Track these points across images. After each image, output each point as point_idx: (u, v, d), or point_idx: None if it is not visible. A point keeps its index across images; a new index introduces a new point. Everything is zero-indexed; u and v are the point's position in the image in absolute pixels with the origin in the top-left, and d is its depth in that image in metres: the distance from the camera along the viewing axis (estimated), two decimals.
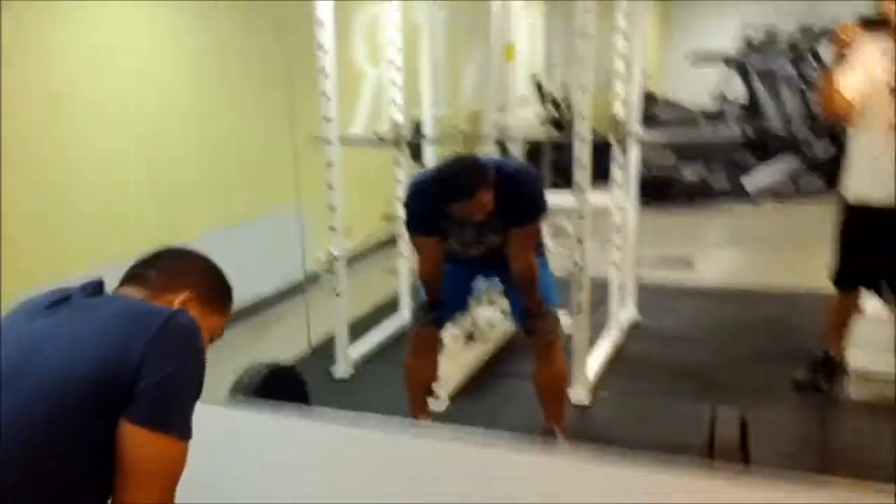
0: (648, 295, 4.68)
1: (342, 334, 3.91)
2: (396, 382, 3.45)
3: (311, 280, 4.30)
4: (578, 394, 3.53)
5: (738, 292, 5.09)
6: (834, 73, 3.25)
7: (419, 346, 3.11)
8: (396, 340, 4.29)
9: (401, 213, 4.33)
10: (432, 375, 3.17)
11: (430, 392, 3.19)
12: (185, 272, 1.53)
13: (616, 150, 4.09)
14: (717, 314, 4.71)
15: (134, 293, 1.46)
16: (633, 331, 4.41)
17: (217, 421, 2.13)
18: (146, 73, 4.18)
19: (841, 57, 3.22)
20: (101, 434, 1.28)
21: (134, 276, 1.50)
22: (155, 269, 1.50)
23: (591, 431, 3.33)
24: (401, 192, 4.29)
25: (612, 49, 4.13)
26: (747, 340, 4.26)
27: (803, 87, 7.79)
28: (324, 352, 4.06)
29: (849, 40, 3.17)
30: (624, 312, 4.42)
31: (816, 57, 7.90)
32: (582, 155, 3.40)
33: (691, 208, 7.06)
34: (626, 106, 4.07)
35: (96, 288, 1.46)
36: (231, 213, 4.77)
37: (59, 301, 1.43)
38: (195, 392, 1.37)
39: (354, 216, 4.04)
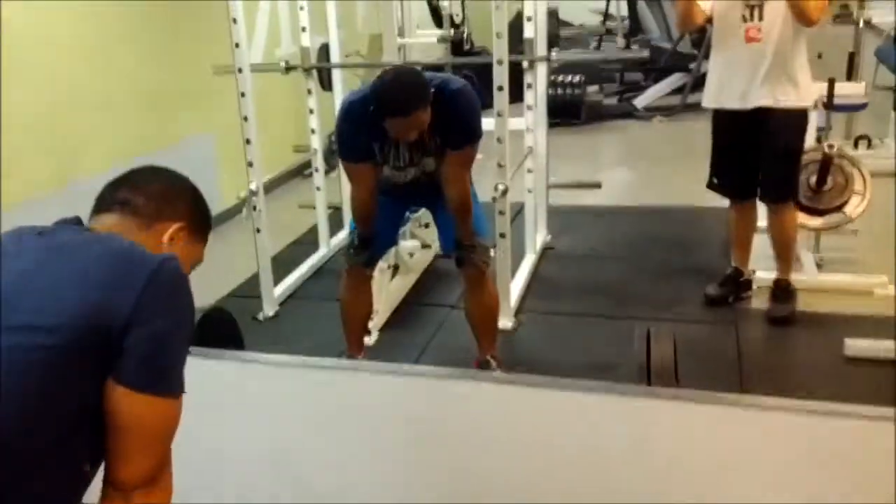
0: (558, 216, 4.78)
1: (266, 272, 3.83)
2: (321, 318, 3.44)
3: (226, 217, 4.18)
4: (502, 320, 3.57)
5: (640, 210, 5.26)
6: None
7: (354, 285, 3.09)
8: (316, 275, 4.25)
9: (315, 144, 4.26)
10: (368, 312, 3.18)
11: (366, 329, 3.20)
12: (174, 198, 1.43)
13: (527, 73, 4.11)
14: (623, 233, 4.87)
15: (121, 223, 1.35)
16: (547, 253, 4.51)
17: None
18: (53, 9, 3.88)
19: None
20: (83, 393, 1.19)
21: (121, 201, 1.38)
22: (143, 195, 1.39)
23: (518, 356, 3.41)
24: (314, 122, 4.19)
25: None
26: (656, 256, 4.44)
27: None
28: (246, 291, 3.99)
29: None
30: (538, 236, 4.51)
31: None
32: (501, 78, 3.37)
33: (589, 128, 7.20)
34: (534, 26, 4.06)
35: (75, 223, 1.36)
36: (139, 144, 4.52)
37: (39, 234, 1.32)
38: (187, 344, 1.30)
39: (264, 147, 3.91)
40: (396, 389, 2.16)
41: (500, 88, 3.37)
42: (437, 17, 6.81)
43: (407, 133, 2.62)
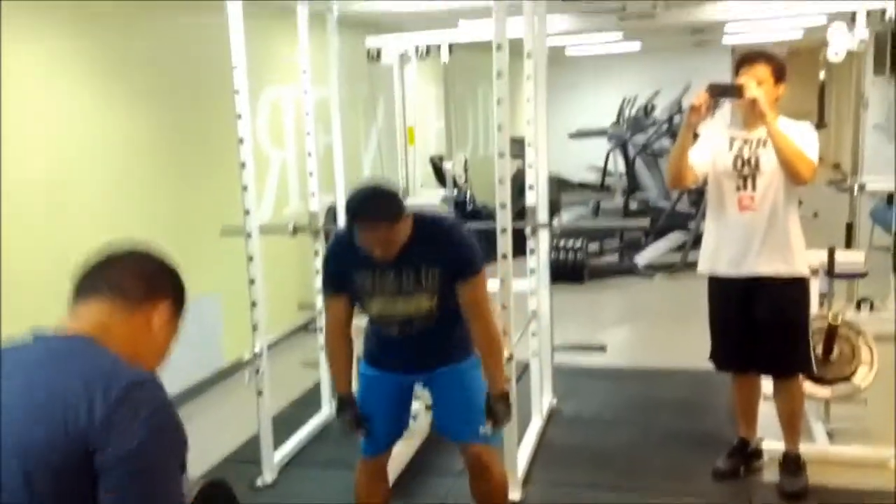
0: (563, 377, 4.73)
1: (267, 438, 3.73)
2: (323, 486, 3.32)
3: (228, 374, 4.13)
4: (511, 492, 3.44)
5: (644, 372, 5.21)
6: (684, 144, 3.36)
7: (368, 476, 2.90)
8: (318, 438, 4.16)
9: (320, 303, 4.27)
10: (385, 501, 3.01)
11: None
12: (159, 277, 1.44)
13: (530, 239, 4.18)
14: (628, 396, 4.81)
15: (110, 308, 1.35)
16: (553, 416, 4.44)
17: None
18: (62, 150, 4.00)
19: (690, 129, 3.32)
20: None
21: (108, 284, 1.38)
22: (129, 277, 1.39)
23: None
24: (319, 283, 4.21)
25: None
26: (663, 422, 4.36)
27: None
28: (244, 455, 3.89)
29: (701, 109, 3.23)
30: (544, 399, 4.45)
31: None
32: (504, 246, 3.41)
33: (588, 285, 7.26)
34: (536, 194, 4.16)
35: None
36: None
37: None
38: (176, 465, 1.28)
39: (269, 305, 3.91)
40: None
41: (504, 257, 3.40)
42: (440, 176, 7.04)
43: (376, 246, 2.51)
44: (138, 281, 1.40)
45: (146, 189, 4.59)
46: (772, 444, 3.73)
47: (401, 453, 3.85)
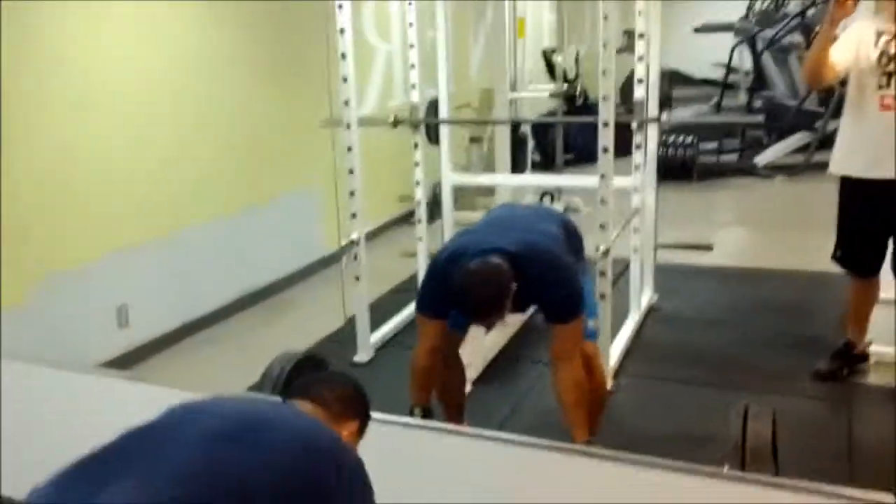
0: (666, 276, 4.65)
1: (363, 319, 3.88)
2: None
3: (327, 263, 4.27)
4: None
5: (753, 272, 5.07)
6: (825, 41, 3.18)
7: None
8: (412, 324, 4.26)
9: (419, 195, 4.32)
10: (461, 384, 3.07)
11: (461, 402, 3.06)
12: (354, 403, 1.68)
13: (637, 133, 4.05)
14: (734, 296, 4.69)
15: (314, 412, 1.59)
16: (652, 314, 4.39)
17: None
18: (161, 61, 4.11)
19: (834, 24, 3.14)
20: None
21: (316, 395, 1.63)
22: (331, 394, 1.65)
23: (613, 421, 3.27)
24: (419, 174, 4.25)
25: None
26: (765, 324, 4.24)
27: None
28: (341, 336, 4.05)
29: (847, 2, 3.03)
30: (643, 296, 4.40)
31: None
32: (606, 140, 3.34)
33: (705, 186, 7.02)
34: (645, 87, 4.02)
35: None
36: (243, 197, 4.72)
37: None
38: None
39: (369, 195, 3.98)
40: (475, 455, 2.13)
41: (605, 150, 3.33)
42: (552, 70, 6.87)
43: (479, 325, 2.60)
44: (339, 401, 1.65)
45: (248, 91, 4.69)
46: (880, 347, 3.59)
47: (495, 341, 3.92)
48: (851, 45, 3.22)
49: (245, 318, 4.59)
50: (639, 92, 3.99)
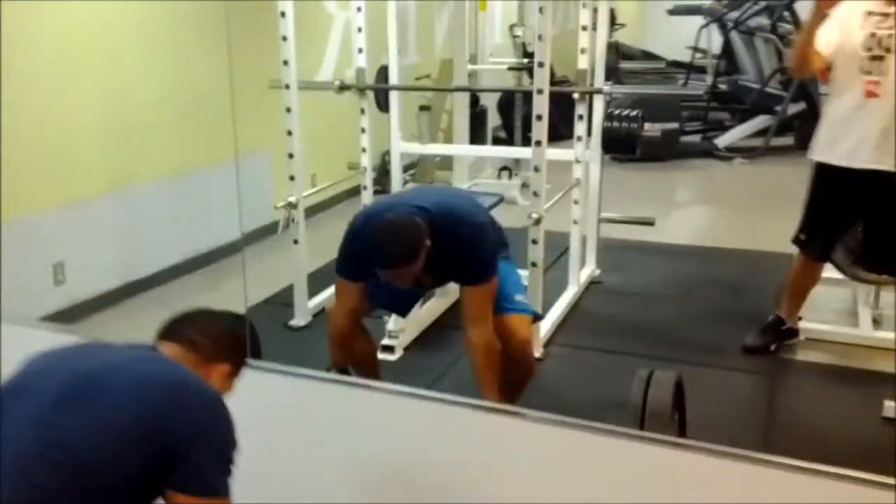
0: (611, 252, 4.68)
1: (301, 282, 3.90)
2: None
3: (271, 230, 4.25)
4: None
5: (700, 251, 5.11)
6: (812, 28, 3.11)
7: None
8: None
9: (365, 162, 4.33)
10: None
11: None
12: (228, 344, 1.70)
13: (579, 104, 4.07)
14: (678, 272, 4.74)
15: (183, 356, 1.62)
16: (592, 286, 4.42)
17: None
18: (112, 18, 4.08)
19: (822, 13, 3.04)
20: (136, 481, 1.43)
21: (186, 337, 1.65)
22: (202, 335, 1.66)
23: (537, 386, 3.28)
24: (365, 141, 4.24)
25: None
26: (705, 299, 4.30)
27: (778, 43, 7.74)
28: (281, 300, 4.06)
29: None
30: (585, 269, 4.43)
31: (792, 12, 7.84)
32: (540, 107, 3.35)
33: (663, 166, 7.05)
34: (591, 58, 4.04)
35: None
36: (194, 158, 4.69)
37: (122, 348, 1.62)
38: (233, 457, 1.52)
39: (321, 164, 3.97)
40: (385, 408, 2.18)
41: (539, 118, 3.35)
42: (519, 46, 6.86)
43: (396, 282, 2.58)
44: (208, 342, 1.66)
45: (201, 49, 4.65)
46: (811, 325, 3.65)
47: (431, 310, 3.95)
48: (836, 28, 3.12)
49: (191, 281, 4.59)
50: (582, 62, 4.01)
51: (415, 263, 2.48)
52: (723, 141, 7.49)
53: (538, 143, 3.38)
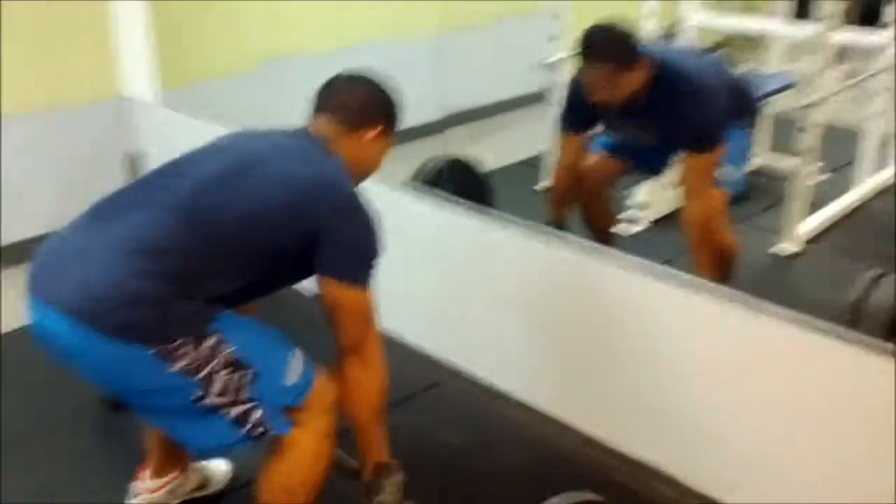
0: None
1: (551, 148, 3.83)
2: None
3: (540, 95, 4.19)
4: (787, 244, 3.30)
5: None
6: None
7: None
8: None
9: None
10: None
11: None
12: (375, 106, 1.74)
13: None
14: None
15: (332, 129, 1.69)
16: (885, 194, 3.84)
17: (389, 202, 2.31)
18: None
19: None
20: (283, 246, 1.58)
21: (333, 106, 1.72)
22: (348, 101, 1.72)
23: (778, 279, 3.17)
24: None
25: None
26: None
27: None
28: (537, 162, 4.04)
29: None
30: (884, 171, 3.89)
31: None
32: None
33: None
34: None
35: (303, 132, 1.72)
36: (466, 15, 4.69)
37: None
38: (375, 251, 1.62)
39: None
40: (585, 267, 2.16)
41: None
42: None
43: (596, 89, 2.39)
44: (354, 107, 1.71)
45: None
46: None
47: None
48: None
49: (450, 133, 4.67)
50: None
51: (623, 72, 2.32)
52: None
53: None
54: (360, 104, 1.73)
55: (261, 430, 1.52)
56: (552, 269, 2.24)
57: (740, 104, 2.62)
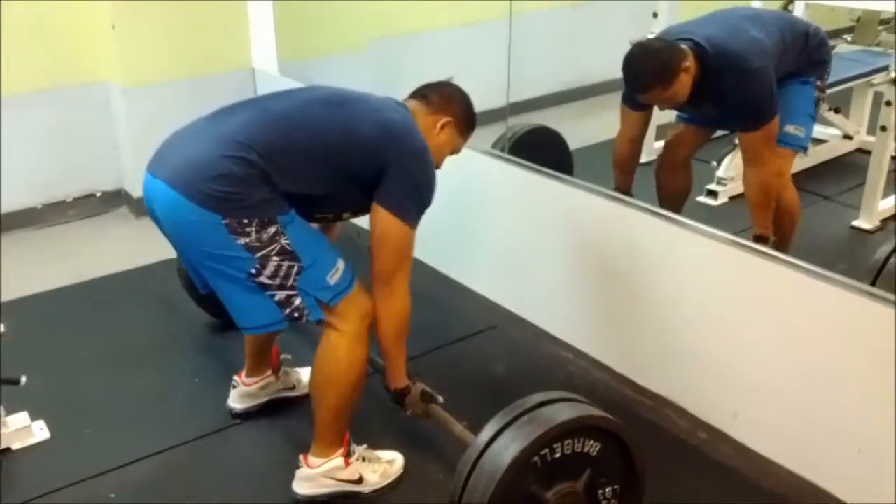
0: None
1: None
2: None
3: None
4: (861, 221, 3.38)
5: None
6: None
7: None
8: None
9: None
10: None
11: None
12: (453, 101, 2.10)
13: None
14: None
15: (418, 107, 2.07)
16: None
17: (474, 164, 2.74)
18: None
19: None
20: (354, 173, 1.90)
21: (423, 94, 2.11)
22: (436, 94, 2.10)
23: (848, 251, 3.27)
24: None
25: None
26: None
27: None
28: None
29: None
30: None
31: None
32: None
33: None
34: None
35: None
36: None
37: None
38: (428, 199, 1.94)
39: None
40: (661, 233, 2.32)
41: None
42: None
43: (659, 105, 2.60)
44: (439, 97, 2.09)
45: None
46: None
47: None
48: None
49: (567, 109, 4.81)
50: None
51: (669, 88, 2.47)
52: None
53: None
54: (443, 95, 2.08)
55: (298, 314, 1.83)
56: (606, 228, 2.46)
57: (809, 56, 2.70)
